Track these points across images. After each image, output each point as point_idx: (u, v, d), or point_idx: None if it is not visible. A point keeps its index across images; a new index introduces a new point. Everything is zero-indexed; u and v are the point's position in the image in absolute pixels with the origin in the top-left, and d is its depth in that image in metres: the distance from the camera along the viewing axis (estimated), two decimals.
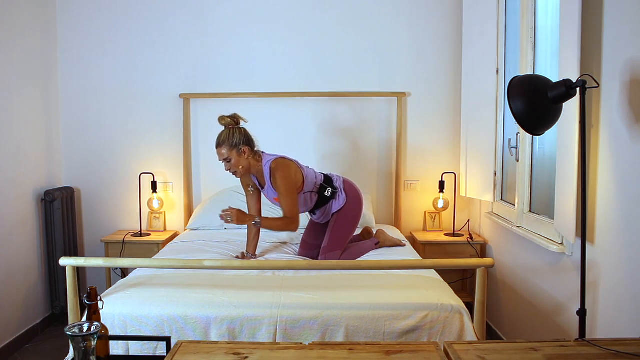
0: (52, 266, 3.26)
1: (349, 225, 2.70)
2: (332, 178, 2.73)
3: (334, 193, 2.67)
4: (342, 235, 2.67)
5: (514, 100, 1.74)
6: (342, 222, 2.67)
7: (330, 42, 3.50)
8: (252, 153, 2.53)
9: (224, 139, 2.49)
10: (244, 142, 2.49)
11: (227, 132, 2.49)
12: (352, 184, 2.78)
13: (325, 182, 2.68)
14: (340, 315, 1.89)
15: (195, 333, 1.88)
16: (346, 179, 2.78)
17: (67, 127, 3.55)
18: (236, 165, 2.50)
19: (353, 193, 2.73)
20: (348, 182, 2.77)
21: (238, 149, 2.48)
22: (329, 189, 2.66)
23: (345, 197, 2.68)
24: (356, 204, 2.72)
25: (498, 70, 2.98)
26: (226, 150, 2.48)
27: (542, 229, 2.44)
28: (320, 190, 2.65)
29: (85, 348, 1.19)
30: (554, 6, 2.45)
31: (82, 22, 3.48)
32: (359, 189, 2.79)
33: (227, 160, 2.49)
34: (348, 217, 2.69)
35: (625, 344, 1.31)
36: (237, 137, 2.48)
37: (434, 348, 1.32)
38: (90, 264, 2.06)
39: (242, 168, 2.52)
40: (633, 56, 1.72)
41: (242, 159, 2.50)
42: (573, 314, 1.96)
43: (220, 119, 2.54)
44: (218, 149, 2.51)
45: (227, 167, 2.53)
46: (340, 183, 2.72)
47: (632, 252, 1.74)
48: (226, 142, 2.47)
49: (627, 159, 1.77)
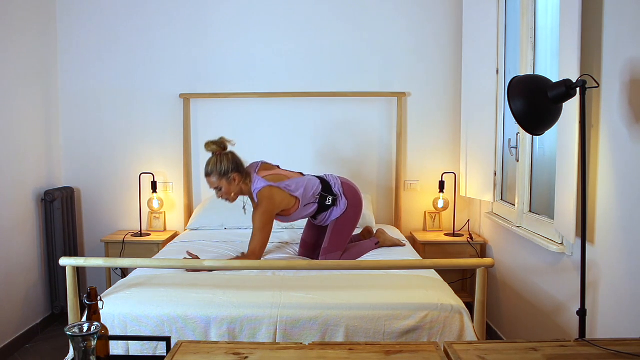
0: (52, 266, 3.26)
1: (349, 226, 2.68)
2: (329, 183, 2.66)
3: (335, 200, 2.62)
4: (342, 236, 2.65)
5: (514, 100, 1.74)
6: (342, 224, 2.65)
7: (330, 42, 3.50)
8: (242, 178, 2.48)
9: (212, 168, 2.43)
10: (232, 169, 2.44)
11: (215, 160, 2.44)
12: (351, 185, 2.73)
13: (324, 189, 2.62)
14: (340, 315, 1.89)
15: (195, 333, 1.88)
16: (344, 181, 2.73)
17: (67, 127, 3.55)
18: (227, 193, 2.47)
19: (353, 195, 2.68)
20: (346, 183, 2.71)
21: (227, 177, 2.43)
22: (329, 197, 2.60)
23: (347, 201, 2.63)
24: (356, 205, 2.69)
25: (498, 70, 2.98)
26: (216, 179, 2.43)
27: (542, 229, 2.44)
28: (321, 200, 2.60)
29: (85, 348, 1.19)
30: (554, 6, 2.45)
31: (82, 22, 3.48)
32: (357, 189, 2.76)
33: (218, 189, 2.46)
34: (348, 219, 2.67)
35: (625, 344, 1.31)
36: (225, 165, 2.43)
37: (434, 348, 1.32)
38: (90, 264, 2.06)
39: (233, 195, 2.48)
40: (633, 56, 1.72)
41: (233, 186, 2.46)
42: (573, 314, 1.96)
43: (206, 145, 2.47)
44: (207, 179, 2.47)
45: (218, 195, 2.50)
46: (339, 187, 2.65)
47: (632, 252, 1.74)
48: (215, 171, 2.43)
49: (627, 159, 1.77)
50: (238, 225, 3.21)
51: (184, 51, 3.51)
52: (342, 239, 2.65)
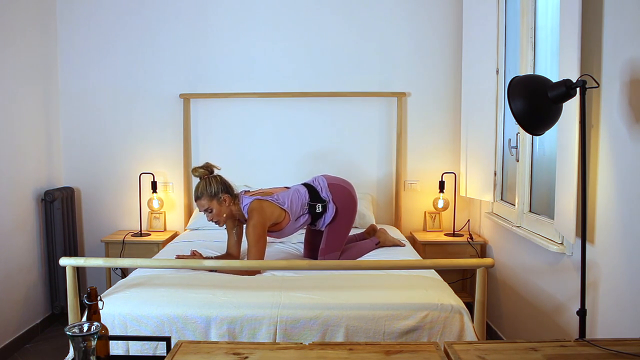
0: (52, 266, 3.26)
1: (344, 226, 2.67)
2: (316, 189, 2.64)
3: (324, 206, 2.61)
4: (338, 236, 2.65)
5: (514, 100, 1.74)
6: (337, 225, 2.64)
7: (330, 42, 3.50)
8: (232, 200, 2.49)
9: (201, 190, 2.45)
10: (222, 190, 2.45)
11: (204, 183, 2.46)
12: (339, 184, 2.69)
13: (312, 199, 2.60)
14: (340, 315, 1.89)
15: (195, 333, 1.88)
16: (332, 181, 2.68)
17: (67, 127, 3.55)
18: (218, 214, 2.47)
19: (342, 195, 2.65)
20: (333, 183, 2.67)
21: (218, 198, 2.44)
22: (318, 204, 2.60)
23: (334, 206, 2.61)
24: (348, 204, 2.66)
25: (498, 70, 2.98)
26: (206, 201, 2.44)
27: (542, 229, 2.44)
28: (311, 210, 2.60)
29: (85, 348, 1.19)
30: (554, 6, 2.45)
31: (82, 22, 3.48)
32: (347, 187, 2.71)
33: (209, 211, 2.46)
34: (342, 220, 2.65)
35: (625, 344, 1.31)
36: (214, 187, 2.45)
37: (434, 348, 1.32)
38: (90, 264, 2.06)
39: (224, 216, 2.48)
40: (633, 56, 1.72)
41: (224, 207, 2.46)
42: (573, 314, 1.96)
43: (194, 170, 2.50)
44: (198, 202, 2.47)
45: (209, 218, 2.49)
46: (326, 191, 2.63)
47: (632, 252, 1.74)
48: (205, 194, 2.44)
49: (627, 159, 1.77)
50: None
51: (184, 51, 3.51)
52: (338, 239, 2.65)
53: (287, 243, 2.94)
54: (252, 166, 3.55)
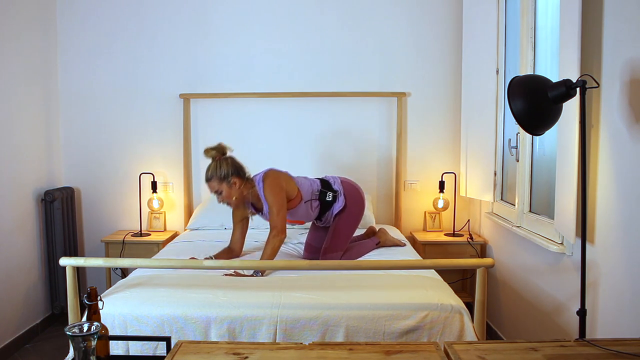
0: (52, 266, 3.26)
1: (350, 226, 2.69)
2: (329, 181, 2.70)
3: (335, 197, 2.64)
4: (343, 236, 2.66)
5: (514, 100, 1.74)
6: (343, 224, 2.66)
7: (330, 42, 3.50)
8: (243, 182, 2.50)
9: (211, 172, 2.45)
10: (232, 173, 2.46)
11: (215, 165, 2.46)
12: (352, 183, 2.75)
13: (323, 187, 2.65)
14: (340, 315, 1.89)
15: (195, 333, 1.88)
16: (344, 179, 2.75)
17: (67, 127, 3.55)
18: (227, 197, 2.47)
19: (353, 193, 2.70)
20: (346, 181, 2.74)
21: (227, 181, 2.45)
22: (330, 193, 2.63)
23: (344, 199, 2.64)
24: (358, 204, 2.70)
25: (498, 70, 2.98)
26: (216, 183, 2.45)
27: (542, 229, 2.44)
28: (321, 197, 2.62)
29: (85, 348, 1.19)
30: (554, 6, 2.45)
31: (82, 22, 3.48)
32: (359, 188, 2.77)
33: (218, 192, 2.47)
34: (350, 218, 2.67)
35: (625, 344, 1.31)
36: (224, 169, 2.45)
37: (434, 348, 1.32)
38: (90, 264, 2.06)
39: (235, 199, 2.49)
40: (633, 56, 1.72)
41: (234, 190, 2.47)
42: (573, 314, 1.96)
43: (205, 152, 2.50)
44: (208, 184, 2.48)
45: (219, 200, 2.50)
46: (339, 185, 2.68)
47: (632, 252, 1.74)
48: (214, 176, 2.44)
49: (627, 159, 1.77)
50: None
51: (184, 51, 3.51)
52: (342, 239, 2.65)
53: (287, 243, 2.94)
54: (252, 166, 3.49)
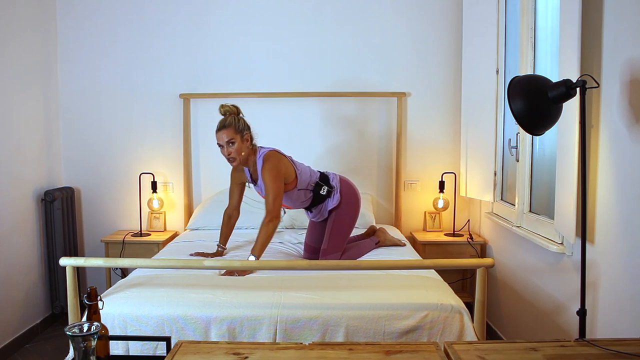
0: (52, 266, 3.26)
1: (347, 226, 2.69)
2: (328, 176, 2.70)
3: (330, 192, 2.64)
4: (340, 237, 2.66)
5: (514, 100, 1.74)
6: (340, 224, 2.66)
7: (330, 42, 3.50)
8: (251, 143, 2.52)
9: (229, 122, 2.43)
10: (248, 129, 2.50)
11: (232, 117, 2.46)
12: (350, 183, 2.75)
13: (321, 179, 2.65)
14: (340, 315, 1.89)
15: (195, 333, 1.88)
16: (343, 178, 2.75)
17: (67, 127, 3.55)
18: (238, 150, 2.45)
19: (349, 192, 2.70)
20: (345, 180, 2.74)
21: (242, 134, 2.45)
22: (325, 187, 2.63)
23: (340, 197, 2.65)
24: (353, 203, 2.70)
25: (498, 70, 2.98)
26: (232, 132, 2.42)
27: (542, 229, 2.44)
28: (316, 189, 2.63)
29: (85, 348, 1.19)
30: (554, 6, 2.45)
31: (82, 22, 3.48)
32: (356, 188, 2.77)
33: (231, 142, 2.42)
34: (346, 218, 2.67)
35: (625, 344, 1.31)
36: (242, 123, 2.47)
37: (434, 348, 1.32)
38: (90, 264, 2.06)
39: (243, 155, 2.48)
40: (633, 56, 1.72)
41: (245, 146, 2.47)
42: (573, 314, 1.96)
43: (222, 106, 2.49)
44: (221, 132, 2.42)
45: (227, 151, 2.44)
46: (337, 182, 2.69)
47: (632, 252, 1.74)
48: (232, 125, 2.43)
49: (627, 159, 1.77)
50: (238, 225, 3.20)
51: (184, 51, 3.51)
52: (340, 240, 2.65)
53: (287, 244, 2.94)
54: None
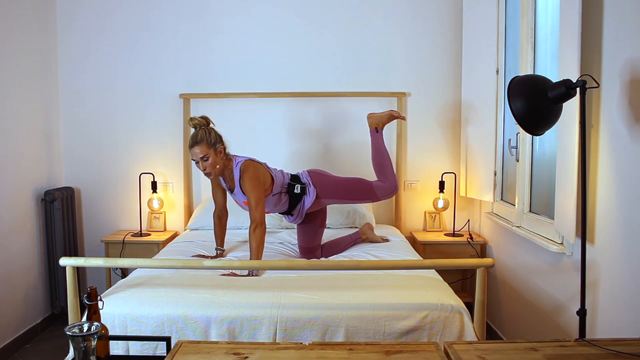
0: (52, 266, 3.26)
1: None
2: (298, 175, 2.71)
3: (304, 188, 2.64)
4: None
5: (514, 100, 1.74)
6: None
7: (330, 41, 3.50)
8: (225, 154, 2.51)
9: (201, 137, 2.43)
10: (220, 141, 2.48)
11: (203, 131, 2.45)
12: (317, 171, 2.76)
13: (292, 180, 2.66)
14: (340, 315, 1.89)
15: (195, 333, 1.88)
16: (311, 170, 2.76)
17: (67, 127, 3.55)
18: (213, 164, 2.45)
19: (321, 178, 2.71)
20: (313, 171, 2.74)
21: (215, 148, 2.45)
22: (297, 185, 2.63)
23: (315, 188, 2.64)
24: (327, 185, 2.71)
25: (498, 70, 2.98)
26: (205, 148, 2.42)
27: (542, 229, 2.44)
28: (289, 189, 2.63)
29: (85, 348, 1.19)
30: (554, 6, 2.45)
31: (82, 21, 3.48)
32: (325, 172, 2.79)
33: (205, 158, 2.44)
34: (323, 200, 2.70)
35: (625, 344, 1.31)
36: (213, 135, 2.46)
37: (434, 348, 1.32)
38: (90, 264, 2.06)
39: (218, 168, 2.48)
40: (633, 56, 1.72)
41: (219, 158, 2.47)
42: (573, 314, 1.96)
43: (191, 119, 2.49)
44: (194, 148, 2.43)
45: (203, 167, 2.46)
46: (306, 177, 2.68)
47: (632, 252, 1.74)
48: (204, 140, 2.42)
49: (627, 159, 1.77)
50: (238, 225, 3.21)
51: (183, 51, 3.51)
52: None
53: (286, 244, 2.94)
54: None
